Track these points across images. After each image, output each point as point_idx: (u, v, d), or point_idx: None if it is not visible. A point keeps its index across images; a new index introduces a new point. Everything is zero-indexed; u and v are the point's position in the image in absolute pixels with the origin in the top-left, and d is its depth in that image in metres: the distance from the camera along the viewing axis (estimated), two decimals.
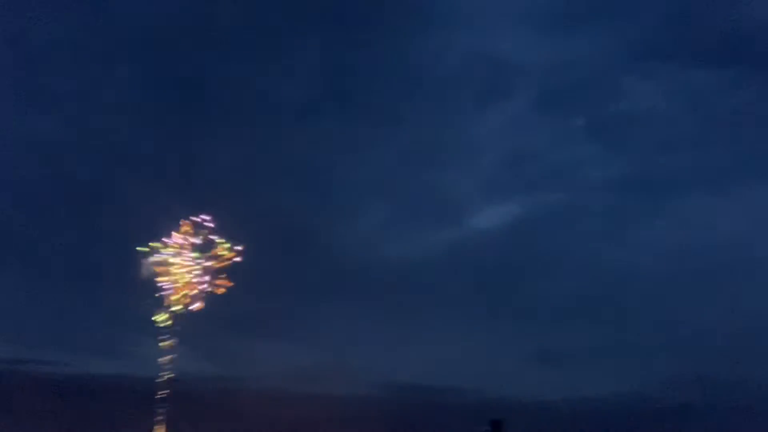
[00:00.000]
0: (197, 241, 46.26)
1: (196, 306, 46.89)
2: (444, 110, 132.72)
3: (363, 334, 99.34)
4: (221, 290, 46.93)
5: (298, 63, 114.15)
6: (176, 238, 45.78)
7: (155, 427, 50.27)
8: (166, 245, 45.32)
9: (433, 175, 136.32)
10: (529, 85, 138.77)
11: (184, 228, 46.12)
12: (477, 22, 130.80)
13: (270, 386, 76.70)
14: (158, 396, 48.88)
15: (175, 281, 44.86)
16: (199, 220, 47.23)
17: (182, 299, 45.82)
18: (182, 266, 45.44)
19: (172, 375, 49.85)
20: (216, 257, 47.03)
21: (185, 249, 45.68)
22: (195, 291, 46.69)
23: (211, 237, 46.54)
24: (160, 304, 45.81)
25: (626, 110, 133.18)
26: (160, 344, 45.97)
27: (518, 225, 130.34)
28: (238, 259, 46.22)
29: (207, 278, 46.74)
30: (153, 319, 44.25)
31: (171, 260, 44.66)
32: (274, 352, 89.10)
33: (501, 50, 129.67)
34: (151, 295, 45.09)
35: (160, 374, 48.40)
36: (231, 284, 47.89)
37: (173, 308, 45.58)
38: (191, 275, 45.37)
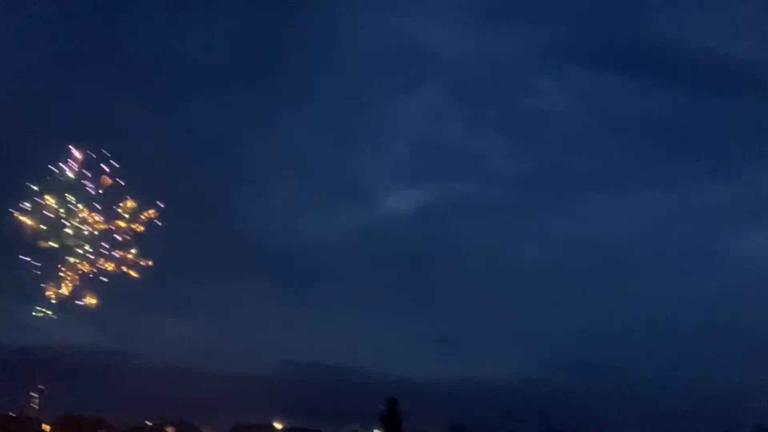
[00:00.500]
0: (95, 188, 37.41)
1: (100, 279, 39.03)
2: (361, 92, 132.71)
3: (264, 312, 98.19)
4: (135, 267, 38.33)
5: (219, 30, 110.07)
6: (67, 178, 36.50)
7: (32, 399, 47.24)
8: (56, 192, 36.80)
9: (346, 155, 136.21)
10: (446, 75, 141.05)
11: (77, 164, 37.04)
12: (401, 8, 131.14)
13: (165, 362, 74.24)
14: (36, 368, 45.77)
15: (68, 241, 37.57)
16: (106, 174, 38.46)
17: (75, 269, 38.37)
18: (76, 220, 37.44)
19: (58, 346, 46.55)
20: (121, 218, 38.92)
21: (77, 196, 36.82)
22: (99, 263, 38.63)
23: (115, 190, 37.93)
24: (46, 267, 38.62)
25: (537, 108, 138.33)
26: (41, 312, 39.68)
27: (427, 211, 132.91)
28: (153, 218, 37.86)
29: (113, 250, 38.27)
30: (35, 283, 37.60)
31: (63, 212, 36.89)
32: (170, 327, 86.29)
33: (422, 38, 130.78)
34: (34, 254, 38.01)
35: (42, 345, 45.00)
36: (148, 263, 39.43)
37: (65, 275, 38.09)
38: (87, 233, 37.95)
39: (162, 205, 43.05)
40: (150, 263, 39.94)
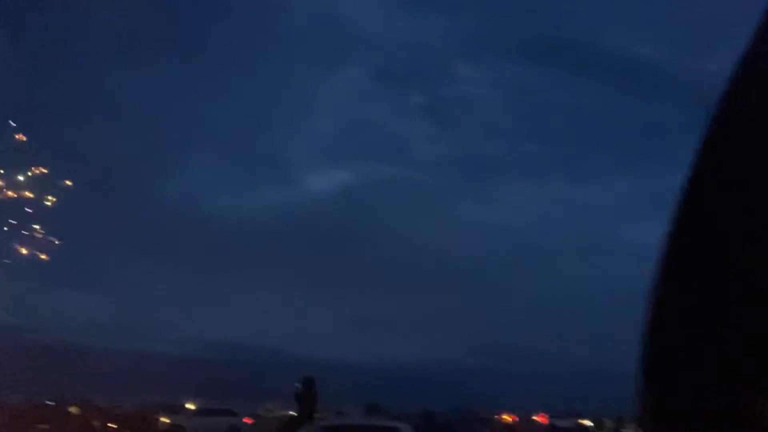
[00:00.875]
0: None
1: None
2: (286, 67, 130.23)
3: (177, 289, 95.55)
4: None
5: None
6: None
7: None
8: None
9: (268, 131, 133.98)
10: (372, 56, 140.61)
11: None
12: None
13: (69, 339, 70.88)
14: None
15: None
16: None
17: None
18: None
19: None
20: (28, 188, 34.39)
21: None
22: None
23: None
24: None
25: (460, 95, 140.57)
26: None
27: (349, 192, 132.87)
28: (62, 189, 33.15)
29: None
30: None
31: None
32: (76, 302, 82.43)
33: (350, 17, 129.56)
34: None
35: None
36: (56, 241, 34.61)
37: None
38: None
39: (71, 179, 40.44)
40: (58, 242, 37.27)
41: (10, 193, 36.54)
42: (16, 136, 36.20)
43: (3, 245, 37.78)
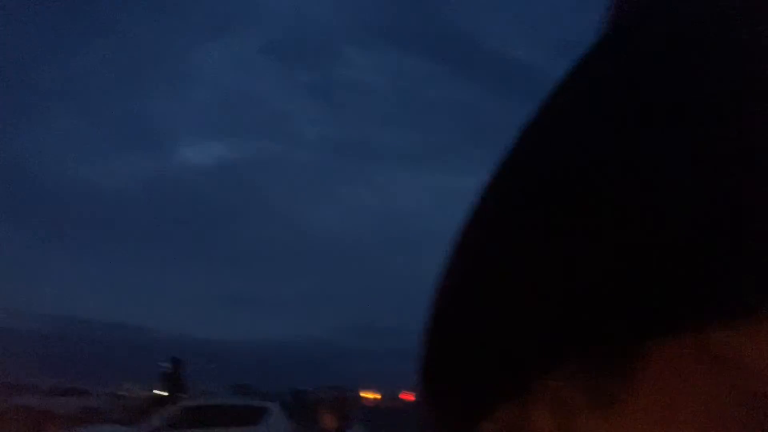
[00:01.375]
0: None
1: None
2: (164, 32, 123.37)
3: (32, 262, 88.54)
4: None
5: None
6: None
7: None
8: None
9: (141, 97, 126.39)
10: (260, 28, 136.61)
11: None
12: None
13: None
14: None
15: None
16: None
17: None
18: None
19: None
20: None
21: None
22: None
23: None
24: None
25: (349, 79, 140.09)
26: None
27: (228, 166, 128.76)
28: None
29: None
30: None
31: None
32: None
33: None
34: None
35: None
36: None
37: None
38: None
39: None
40: None
41: None
42: None
43: None
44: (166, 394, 29.50)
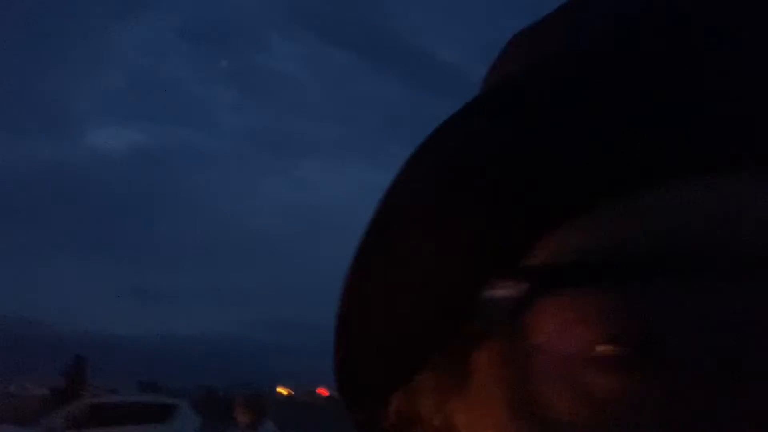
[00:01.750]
0: None
1: None
2: (72, 11, 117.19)
3: None
4: None
5: None
6: None
7: None
8: None
9: (45, 78, 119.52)
10: (179, 11, 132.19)
11: None
12: None
13: None
14: None
15: None
16: None
17: None
18: None
19: None
20: None
21: None
22: None
23: None
24: None
25: (271, 67, 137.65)
26: None
27: (140, 154, 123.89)
28: None
29: None
30: None
31: None
32: None
33: None
34: None
35: None
36: None
37: None
38: None
39: None
40: None
41: None
42: None
43: None
44: (63, 391, 28.35)
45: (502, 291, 0.25)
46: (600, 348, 0.22)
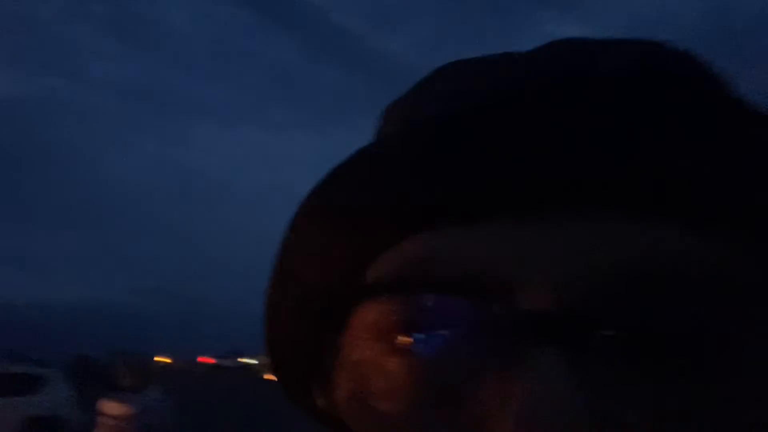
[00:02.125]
0: None
1: None
2: None
3: None
4: None
5: None
6: None
7: None
8: None
9: None
10: None
11: None
12: None
13: None
14: None
15: None
16: None
17: None
18: None
19: None
20: None
21: None
22: None
23: None
24: None
25: (152, 17, 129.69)
26: None
27: (6, 105, 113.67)
28: None
29: None
30: None
31: None
32: None
33: None
34: None
35: None
36: None
37: None
38: None
39: None
40: None
41: None
42: None
43: None
44: None
45: (343, 296, 0.33)
46: (396, 339, 0.31)
